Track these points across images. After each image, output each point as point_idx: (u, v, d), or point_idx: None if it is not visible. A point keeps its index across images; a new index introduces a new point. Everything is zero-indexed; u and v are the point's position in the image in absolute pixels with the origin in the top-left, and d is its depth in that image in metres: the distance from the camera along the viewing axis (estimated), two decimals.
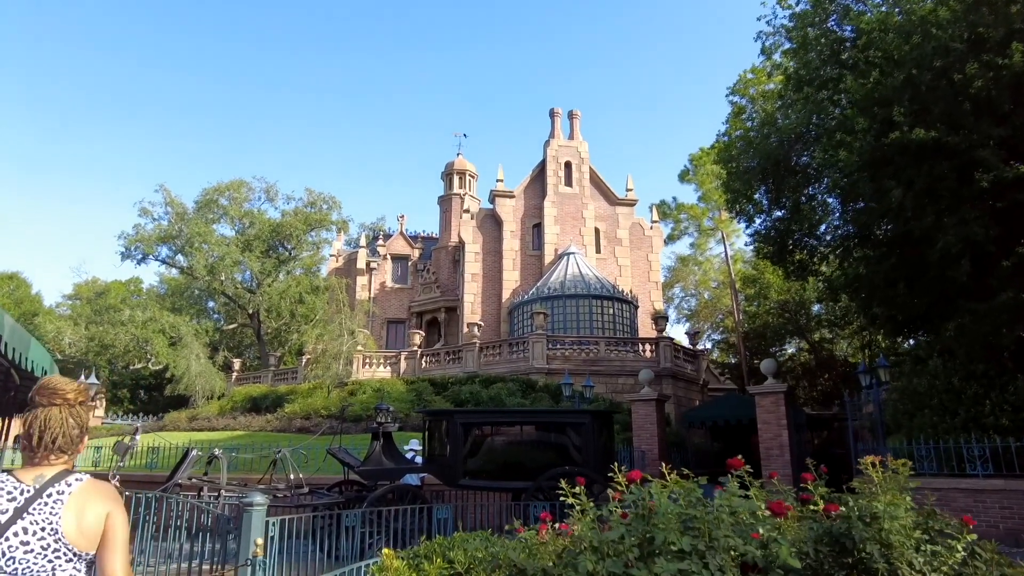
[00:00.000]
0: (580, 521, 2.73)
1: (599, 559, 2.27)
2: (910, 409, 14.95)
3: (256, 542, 5.45)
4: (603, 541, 2.33)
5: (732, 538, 2.57)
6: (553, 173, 34.89)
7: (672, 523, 2.48)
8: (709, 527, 2.59)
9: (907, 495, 3.20)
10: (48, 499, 2.01)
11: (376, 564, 4.50)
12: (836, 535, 2.97)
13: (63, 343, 37.49)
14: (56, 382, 2.19)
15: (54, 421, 2.13)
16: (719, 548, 2.52)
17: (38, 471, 2.09)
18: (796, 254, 20.59)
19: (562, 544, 2.76)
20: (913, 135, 11.11)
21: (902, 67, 11.62)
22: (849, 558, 2.97)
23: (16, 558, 1.92)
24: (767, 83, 22.32)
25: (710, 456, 24.41)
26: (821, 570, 2.89)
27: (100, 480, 2.24)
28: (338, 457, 11.40)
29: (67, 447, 2.16)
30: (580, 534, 2.52)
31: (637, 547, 2.40)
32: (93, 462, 19.40)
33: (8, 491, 2.00)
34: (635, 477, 2.63)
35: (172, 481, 9.64)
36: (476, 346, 27.43)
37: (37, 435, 2.10)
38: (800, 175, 18.78)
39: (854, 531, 2.87)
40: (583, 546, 2.43)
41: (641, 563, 2.39)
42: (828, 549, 3.00)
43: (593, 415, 11.77)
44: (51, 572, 1.96)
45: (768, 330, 38.36)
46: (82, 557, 2.03)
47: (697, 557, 2.46)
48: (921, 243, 12.53)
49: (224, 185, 40.20)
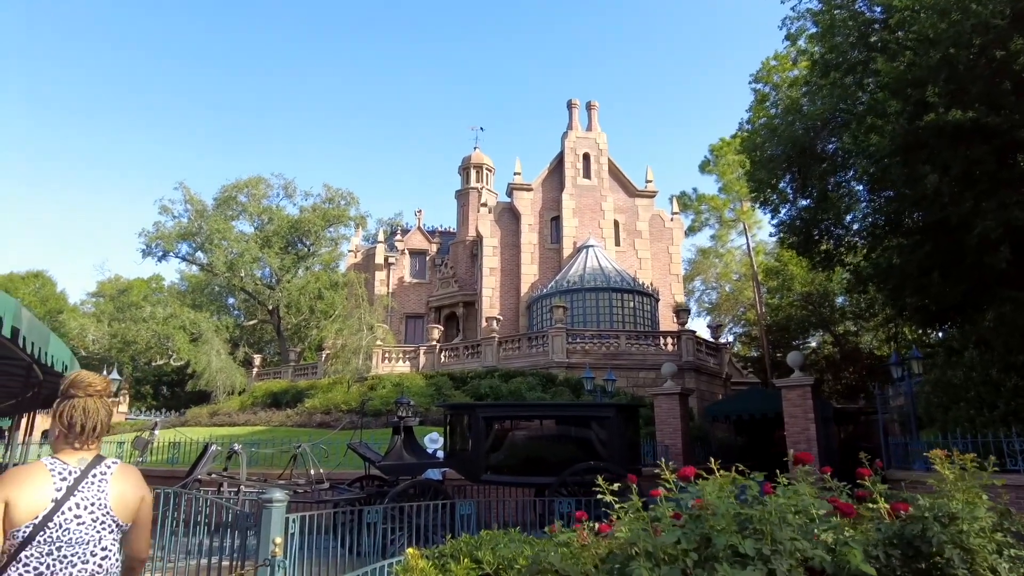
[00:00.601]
0: (624, 522, 2.49)
1: (654, 565, 2.03)
2: (944, 402, 14.48)
3: (275, 541, 5.26)
4: (658, 545, 2.08)
5: (799, 540, 2.31)
6: (571, 165, 34.51)
7: (731, 524, 2.23)
8: (771, 528, 2.33)
9: (983, 493, 2.91)
10: (94, 479, 2.33)
11: (400, 564, 4.30)
12: (908, 538, 2.69)
13: (87, 340, 37.94)
14: (89, 376, 2.48)
15: (93, 410, 2.42)
16: (784, 552, 2.26)
17: (80, 455, 2.39)
18: (822, 244, 20.11)
19: (605, 547, 2.53)
20: (950, 116, 10.66)
21: (938, 46, 11.16)
22: (922, 563, 2.69)
23: (71, 529, 2.23)
24: (791, 70, 21.78)
25: (734, 450, 24.02)
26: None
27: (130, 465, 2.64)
28: (359, 452, 11.24)
29: (103, 433, 2.48)
30: (629, 536, 2.27)
31: (695, 551, 2.15)
32: (115, 456, 19.46)
33: (59, 472, 2.29)
34: (688, 474, 2.38)
35: (192, 477, 9.54)
36: (495, 340, 27.23)
37: (80, 423, 2.38)
38: (827, 163, 18.30)
39: (930, 533, 2.60)
40: (634, 550, 2.18)
41: (700, 569, 2.13)
42: (899, 553, 2.72)
43: (618, 408, 11.49)
44: (98, 540, 2.29)
45: (791, 323, 37.71)
46: (121, 528, 2.37)
47: (760, 562, 2.21)
48: (958, 229, 12.08)
49: (243, 182, 40.38)
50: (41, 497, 2.21)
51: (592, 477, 10.72)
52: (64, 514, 2.22)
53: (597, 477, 10.23)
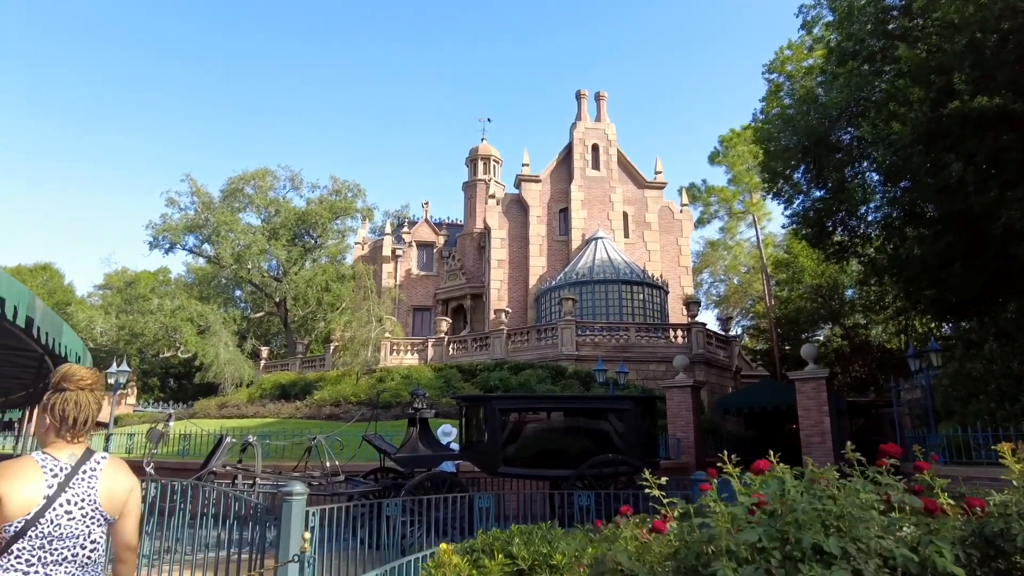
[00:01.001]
0: (691, 520, 2.35)
1: (737, 565, 1.89)
2: (963, 395, 14.30)
3: (304, 536, 5.15)
4: (740, 543, 1.94)
5: (884, 539, 2.16)
6: (580, 156, 34.26)
7: (815, 521, 2.08)
8: (851, 525, 2.18)
9: None
10: (84, 475, 2.35)
11: (433, 560, 4.17)
12: (988, 536, 2.54)
13: (95, 332, 37.95)
14: (80, 370, 2.48)
15: (85, 403, 2.43)
16: (871, 551, 2.12)
17: (69, 449, 2.40)
18: (835, 236, 19.89)
19: (670, 545, 2.39)
20: (975, 103, 10.44)
21: (963, 31, 10.93)
22: (1002, 562, 2.54)
23: (62, 524, 2.25)
24: (806, 59, 21.52)
25: (745, 444, 23.90)
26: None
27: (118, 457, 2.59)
28: (374, 444, 11.14)
29: (93, 426, 2.48)
30: (700, 535, 2.13)
31: (776, 550, 2.01)
32: (127, 449, 19.41)
33: (50, 468, 2.31)
34: (763, 467, 2.23)
35: (207, 469, 9.45)
36: (504, 333, 27.12)
37: (72, 416, 2.39)
38: (843, 153, 18.07)
39: (1014, 530, 2.45)
40: (709, 549, 2.04)
41: (782, 569, 1.99)
42: (978, 553, 2.57)
43: (637, 401, 11.34)
44: (88, 534, 2.31)
45: (801, 315, 37.49)
46: (109, 521, 2.40)
47: (845, 562, 2.07)
48: (981, 219, 11.87)
49: (249, 174, 40.23)
50: (33, 493, 2.23)
51: (611, 470, 10.67)
52: (55, 510, 2.25)
53: (615, 469, 10.07)
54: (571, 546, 4.20)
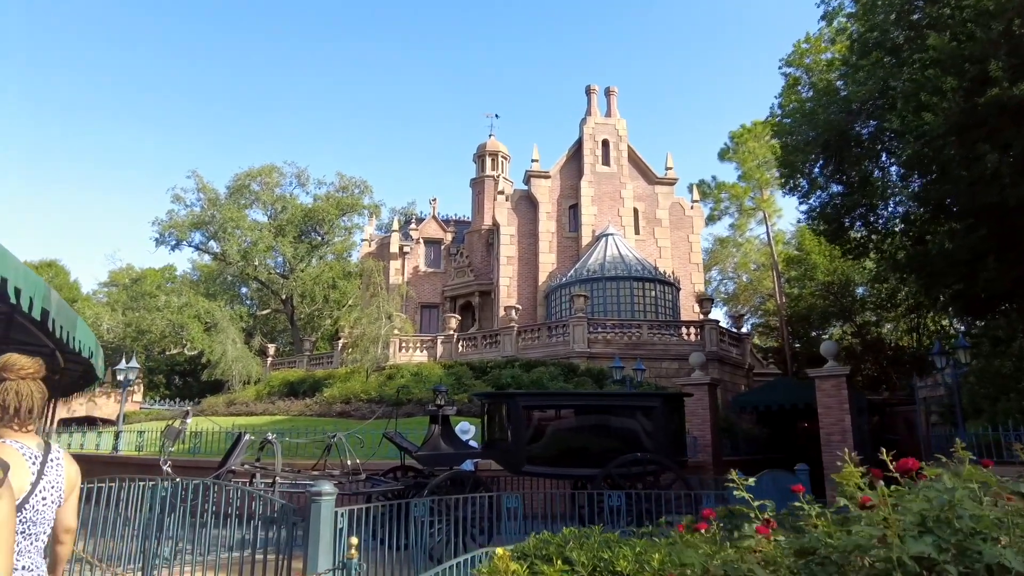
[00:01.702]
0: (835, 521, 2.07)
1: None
2: (992, 393, 14.00)
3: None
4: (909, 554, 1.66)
5: None
6: (590, 152, 33.93)
7: (993, 531, 1.80)
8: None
9: None
10: (52, 463, 2.45)
11: (487, 566, 3.90)
12: None
13: (101, 329, 37.76)
14: (21, 359, 2.47)
15: (27, 393, 2.43)
16: None
17: (33, 439, 2.45)
18: (853, 231, 19.58)
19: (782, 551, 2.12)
20: (1014, 91, 10.13)
21: (999, 18, 10.61)
22: None
23: (39, 510, 2.35)
24: (824, 52, 21.19)
25: (759, 442, 23.58)
26: None
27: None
28: (395, 442, 10.86)
29: (39, 415, 2.52)
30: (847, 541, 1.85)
31: (951, 565, 1.72)
32: (137, 447, 19.14)
33: (28, 457, 2.38)
34: (913, 467, 1.95)
35: (225, 467, 9.19)
36: (514, 330, 26.83)
37: (14, 406, 2.40)
38: (863, 147, 17.75)
39: None
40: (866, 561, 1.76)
41: None
42: None
43: (665, 398, 11.05)
44: (50, 520, 2.42)
45: (812, 313, 37.14)
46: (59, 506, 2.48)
47: None
48: (1015, 212, 11.56)
49: (256, 170, 40.01)
50: (23, 480, 2.30)
51: (638, 469, 10.37)
52: (36, 496, 2.33)
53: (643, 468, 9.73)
54: (632, 551, 3.91)
